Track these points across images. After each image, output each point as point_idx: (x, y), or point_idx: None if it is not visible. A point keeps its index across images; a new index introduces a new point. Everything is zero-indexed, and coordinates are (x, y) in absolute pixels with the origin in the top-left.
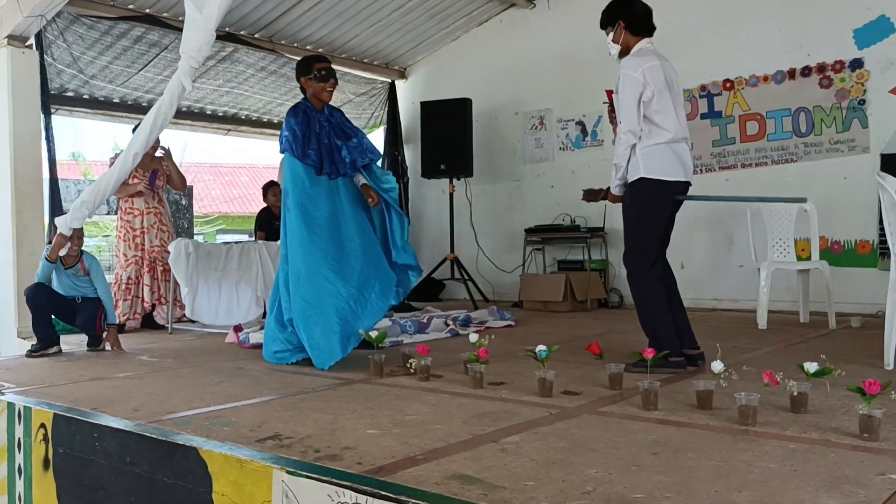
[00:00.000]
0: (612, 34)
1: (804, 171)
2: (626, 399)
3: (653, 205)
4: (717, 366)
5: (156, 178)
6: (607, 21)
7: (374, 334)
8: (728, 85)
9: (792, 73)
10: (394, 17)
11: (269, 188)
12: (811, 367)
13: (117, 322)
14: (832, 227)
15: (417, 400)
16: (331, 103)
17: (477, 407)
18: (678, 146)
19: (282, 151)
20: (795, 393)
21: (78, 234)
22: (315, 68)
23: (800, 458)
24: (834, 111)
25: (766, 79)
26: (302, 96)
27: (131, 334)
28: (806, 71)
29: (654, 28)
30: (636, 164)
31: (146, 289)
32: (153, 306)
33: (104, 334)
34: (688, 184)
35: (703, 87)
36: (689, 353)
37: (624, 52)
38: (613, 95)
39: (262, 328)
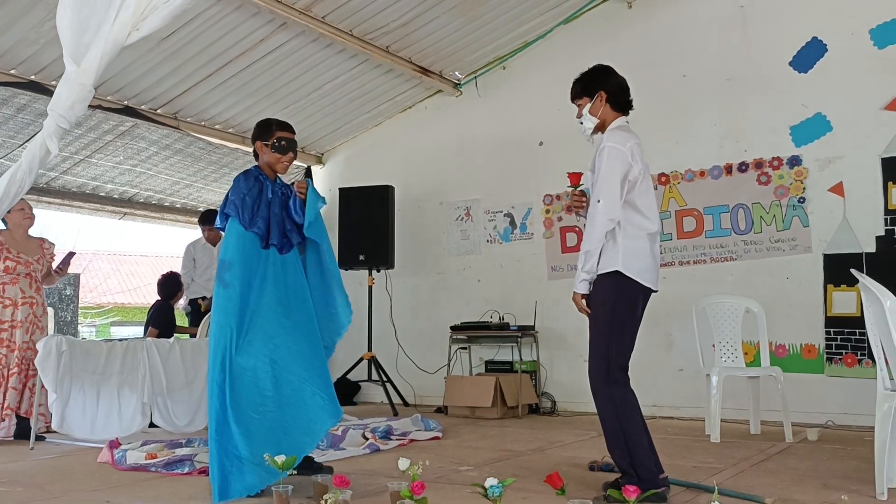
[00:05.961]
0: (588, 106)
1: (744, 270)
2: None
3: (624, 303)
4: None
5: (70, 259)
6: (584, 90)
7: (280, 458)
8: (663, 179)
9: (729, 169)
10: (312, 98)
11: None
12: None
13: None
14: (775, 329)
15: None
16: None
17: None
18: (656, 248)
19: (223, 213)
20: None
21: None
22: (275, 135)
23: None
24: (773, 209)
25: (702, 174)
26: (254, 163)
27: None
28: (743, 167)
29: (632, 107)
30: (614, 256)
31: (12, 392)
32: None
33: None
34: (654, 292)
35: None
36: None
37: (599, 130)
38: (585, 175)
39: (143, 444)
